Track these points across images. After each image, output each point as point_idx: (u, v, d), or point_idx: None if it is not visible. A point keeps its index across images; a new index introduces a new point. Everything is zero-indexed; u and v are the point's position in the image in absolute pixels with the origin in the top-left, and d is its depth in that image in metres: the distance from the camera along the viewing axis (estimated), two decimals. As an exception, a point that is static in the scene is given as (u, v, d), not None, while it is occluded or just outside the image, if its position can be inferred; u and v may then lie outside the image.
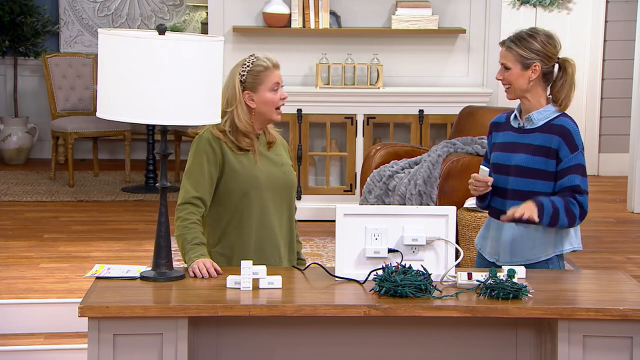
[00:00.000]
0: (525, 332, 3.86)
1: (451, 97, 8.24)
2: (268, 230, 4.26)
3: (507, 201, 4.22)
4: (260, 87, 4.22)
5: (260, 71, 4.22)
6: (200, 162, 4.18)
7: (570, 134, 4.15)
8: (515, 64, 4.19)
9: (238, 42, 8.31)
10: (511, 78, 4.20)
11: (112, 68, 3.75)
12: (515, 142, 4.25)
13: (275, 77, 4.24)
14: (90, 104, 10.01)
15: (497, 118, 4.39)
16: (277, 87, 4.24)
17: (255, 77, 4.22)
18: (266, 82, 4.22)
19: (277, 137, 4.38)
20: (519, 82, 4.20)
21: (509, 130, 4.30)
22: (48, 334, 5.66)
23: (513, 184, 4.23)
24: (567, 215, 4.14)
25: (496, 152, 4.30)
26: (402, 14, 8.32)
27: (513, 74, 4.20)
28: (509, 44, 4.21)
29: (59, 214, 8.31)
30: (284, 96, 4.27)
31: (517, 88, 4.21)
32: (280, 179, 4.29)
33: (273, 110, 4.25)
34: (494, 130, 4.36)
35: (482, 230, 4.41)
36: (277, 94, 4.24)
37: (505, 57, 4.21)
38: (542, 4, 10.40)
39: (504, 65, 4.21)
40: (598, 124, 10.41)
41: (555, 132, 4.17)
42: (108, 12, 10.95)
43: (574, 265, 6.85)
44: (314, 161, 8.43)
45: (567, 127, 4.17)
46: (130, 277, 3.92)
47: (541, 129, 4.20)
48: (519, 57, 4.19)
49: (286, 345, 3.84)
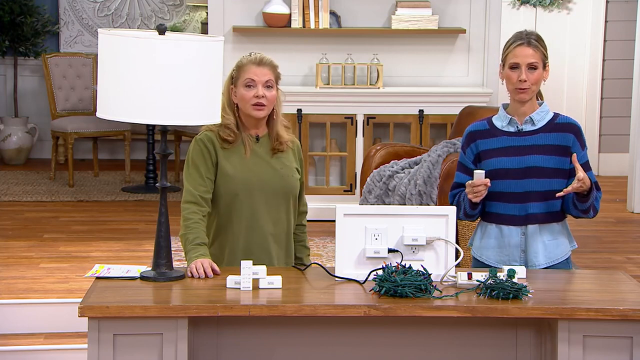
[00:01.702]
0: (525, 332, 3.86)
1: (451, 97, 8.24)
2: (258, 233, 4.24)
3: (510, 204, 4.19)
4: (238, 82, 4.23)
5: (240, 66, 4.23)
6: (197, 162, 4.20)
7: (580, 131, 4.21)
8: (540, 63, 4.17)
9: (238, 42, 8.31)
10: (537, 78, 4.16)
11: (112, 68, 3.75)
12: (518, 145, 4.20)
13: (250, 73, 4.19)
14: (90, 104, 10.01)
15: (475, 126, 4.29)
16: (251, 84, 4.19)
17: (236, 72, 4.25)
18: (242, 77, 4.21)
19: (291, 145, 4.33)
20: (539, 82, 4.20)
21: (501, 135, 4.23)
22: (48, 334, 5.66)
23: (528, 186, 4.17)
24: (597, 203, 4.21)
25: (495, 158, 4.22)
26: (402, 14, 8.32)
27: (539, 73, 4.17)
28: (536, 44, 4.16)
29: (59, 214, 8.31)
30: (258, 94, 4.18)
31: (537, 88, 4.20)
32: (275, 183, 4.26)
33: (249, 106, 4.22)
34: (478, 138, 4.26)
35: (479, 239, 4.31)
36: (251, 91, 4.20)
37: (533, 56, 4.15)
38: (542, 4, 10.40)
39: (531, 65, 4.15)
40: (598, 124, 10.41)
41: (567, 130, 4.19)
42: (108, 12, 10.95)
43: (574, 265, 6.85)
44: (314, 161, 8.43)
45: (576, 124, 4.22)
46: (130, 277, 3.92)
47: (545, 129, 4.18)
48: (543, 56, 4.18)
49: (286, 345, 3.84)
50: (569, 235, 4.29)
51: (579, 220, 4.43)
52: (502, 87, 4.50)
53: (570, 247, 4.29)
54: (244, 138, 4.26)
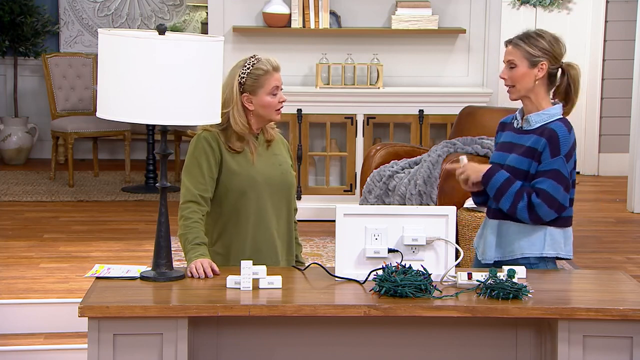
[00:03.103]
0: (525, 332, 3.86)
1: (451, 97, 8.24)
2: (265, 230, 4.26)
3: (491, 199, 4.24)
4: (260, 90, 4.22)
5: (260, 75, 4.21)
6: (199, 161, 4.19)
7: (557, 138, 4.10)
8: (522, 61, 4.15)
9: (238, 42, 8.31)
10: (517, 76, 4.16)
11: (112, 68, 3.75)
12: (512, 142, 4.23)
13: (275, 80, 4.23)
14: (90, 104, 10.01)
15: (505, 118, 4.37)
16: (276, 91, 4.23)
17: (255, 81, 4.21)
18: (266, 86, 4.22)
19: (276, 135, 4.38)
20: (525, 81, 4.16)
21: (510, 130, 4.29)
22: (48, 334, 5.66)
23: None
24: (511, 203, 4.12)
25: (496, 152, 4.30)
26: (402, 14, 8.32)
27: (519, 71, 4.15)
28: (517, 41, 4.17)
29: (59, 214, 8.31)
30: (283, 99, 4.26)
31: (522, 87, 4.16)
32: (277, 179, 4.29)
33: (272, 112, 4.25)
34: (499, 130, 4.35)
35: (479, 230, 4.40)
36: (276, 97, 4.24)
37: (512, 53, 4.16)
38: (542, 4, 10.40)
39: (510, 63, 4.17)
40: (598, 124, 10.41)
41: (544, 135, 4.13)
42: (108, 12, 10.95)
43: (574, 265, 6.85)
44: (314, 161, 8.43)
45: (556, 131, 4.12)
46: (130, 277, 3.92)
47: (535, 131, 4.18)
48: (526, 54, 4.15)
49: (286, 345, 3.84)
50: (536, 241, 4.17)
51: (579, 220, 4.42)
52: (502, 87, 4.51)
53: (534, 252, 4.17)
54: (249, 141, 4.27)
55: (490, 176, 4.16)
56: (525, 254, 4.17)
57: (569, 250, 4.22)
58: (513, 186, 4.12)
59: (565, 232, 4.20)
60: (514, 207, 4.12)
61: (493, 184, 4.15)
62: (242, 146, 4.23)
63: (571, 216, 4.23)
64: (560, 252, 4.19)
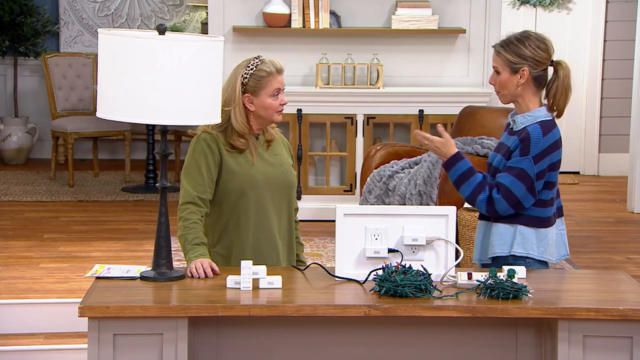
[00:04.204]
0: (525, 332, 3.86)
1: (451, 97, 8.24)
2: (266, 230, 4.26)
3: None
4: (262, 92, 4.22)
5: (262, 76, 4.21)
6: (199, 162, 4.19)
7: (529, 139, 4.10)
8: (504, 69, 4.18)
9: (238, 42, 8.31)
10: (501, 82, 4.19)
11: (112, 68, 3.75)
12: (503, 142, 4.26)
13: (277, 83, 4.24)
14: (90, 104, 10.01)
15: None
16: (277, 93, 4.24)
17: (257, 82, 4.22)
18: (267, 87, 4.22)
19: (277, 135, 4.38)
20: (509, 87, 4.19)
21: (506, 131, 4.30)
22: (48, 334, 5.66)
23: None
24: (472, 191, 4.13)
25: (492, 152, 4.36)
26: (402, 14, 8.32)
27: (502, 78, 4.19)
28: (498, 49, 4.20)
29: (59, 214, 8.31)
30: (284, 101, 4.26)
31: (507, 93, 4.21)
32: (278, 179, 4.29)
33: (273, 113, 4.25)
34: (504, 130, 4.35)
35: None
36: (278, 99, 4.24)
37: (495, 60, 4.21)
38: (542, 4, 10.40)
39: (495, 70, 4.21)
40: (598, 124, 10.41)
41: (519, 134, 4.15)
42: (108, 12, 10.95)
43: (574, 265, 6.85)
44: (314, 161, 8.43)
45: (530, 132, 4.12)
46: (130, 277, 3.92)
47: (518, 132, 4.19)
48: (507, 61, 4.17)
49: (286, 345, 3.84)
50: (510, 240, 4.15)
51: (579, 220, 4.42)
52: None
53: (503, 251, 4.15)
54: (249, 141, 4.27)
55: (454, 162, 4.17)
56: (497, 252, 4.17)
57: (543, 252, 4.16)
58: (475, 176, 4.15)
59: (539, 232, 4.16)
60: (474, 197, 4.14)
61: (456, 170, 4.16)
62: (245, 144, 4.23)
63: (548, 217, 4.18)
64: (532, 252, 4.14)
